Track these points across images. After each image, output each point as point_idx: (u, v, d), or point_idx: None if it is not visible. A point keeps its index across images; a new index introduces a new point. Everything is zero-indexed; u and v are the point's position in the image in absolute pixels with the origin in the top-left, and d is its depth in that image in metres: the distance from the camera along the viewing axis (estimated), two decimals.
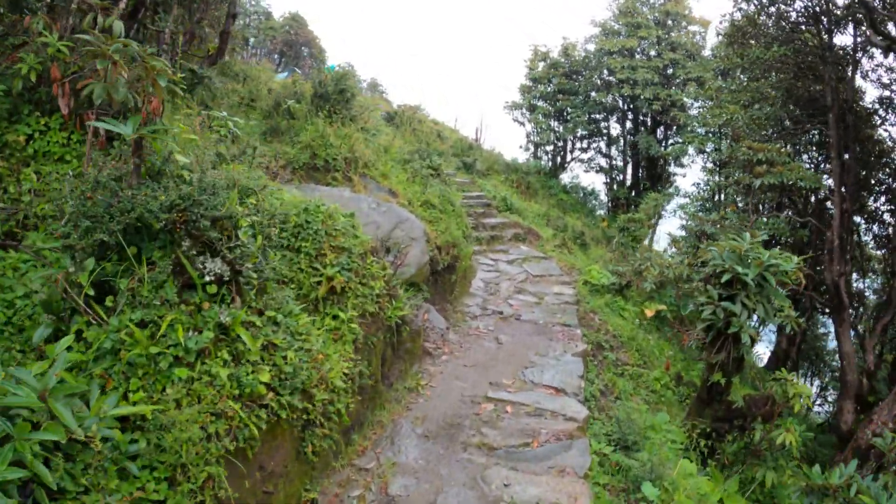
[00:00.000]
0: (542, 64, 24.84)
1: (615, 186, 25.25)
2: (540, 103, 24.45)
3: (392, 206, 9.48)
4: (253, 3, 69.66)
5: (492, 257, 13.59)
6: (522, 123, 25.78)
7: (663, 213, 24.50)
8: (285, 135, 10.75)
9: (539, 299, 11.15)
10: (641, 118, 24.08)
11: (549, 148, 25.80)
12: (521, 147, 25.86)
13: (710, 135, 20.69)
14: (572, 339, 9.26)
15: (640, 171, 24.92)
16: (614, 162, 25.84)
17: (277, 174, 9.41)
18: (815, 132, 15.65)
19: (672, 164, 24.81)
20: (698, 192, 22.02)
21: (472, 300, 10.70)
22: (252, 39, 67.11)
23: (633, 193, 24.21)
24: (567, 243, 15.25)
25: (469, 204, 16.23)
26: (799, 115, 14.97)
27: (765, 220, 15.12)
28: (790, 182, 13.06)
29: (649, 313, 11.67)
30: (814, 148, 17.02)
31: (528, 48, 24.89)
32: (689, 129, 22.85)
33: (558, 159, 25.90)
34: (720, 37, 21.45)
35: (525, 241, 15.24)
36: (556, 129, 24.92)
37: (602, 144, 26.16)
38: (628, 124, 24.97)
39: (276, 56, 62.75)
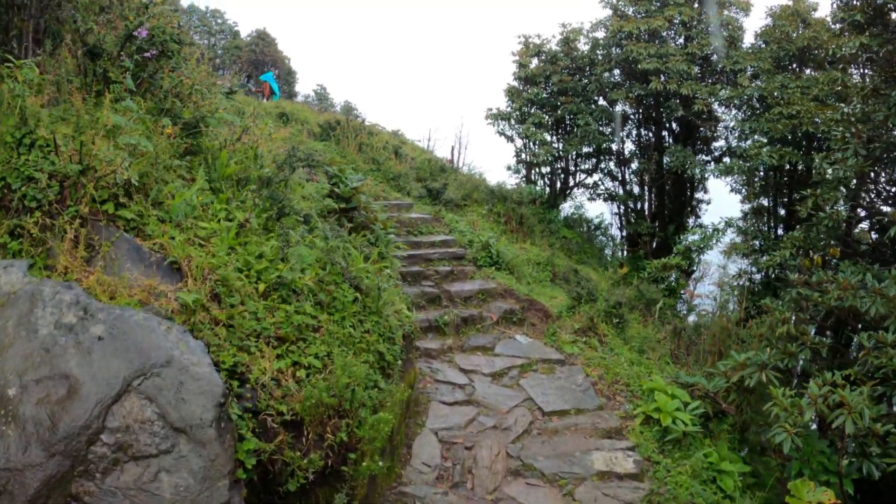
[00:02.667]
0: (535, 60, 18.83)
1: (632, 218, 19.12)
2: (533, 110, 18.40)
3: (131, 318, 3.24)
4: (219, 21, 64.47)
5: (463, 364, 7.38)
6: (510, 138, 19.65)
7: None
8: None
9: (566, 494, 4.89)
10: (670, 125, 18.04)
11: (546, 169, 19.63)
12: (509, 168, 19.60)
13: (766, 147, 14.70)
14: None
15: (665, 197, 18.81)
16: (630, 186, 19.74)
17: None
18: None
19: (699, 189, 18.78)
20: (750, 226, 15.97)
21: None
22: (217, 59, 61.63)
23: (657, 226, 18.09)
24: (595, 324, 8.94)
25: (426, 257, 10.06)
26: None
27: None
28: None
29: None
30: None
31: (516, 41, 18.37)
32: (733, 137, 16.92)
33: (558, 183, 19.73)
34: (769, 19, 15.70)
35: (523, 323, 9.04)
36: (555, 143, 18.83)
37: (612, 164, 20.05)
38: (646, 135, 18.95)
39: (245, 76, 56.93)
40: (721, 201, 19.27)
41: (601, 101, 18.12)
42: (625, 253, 18.55)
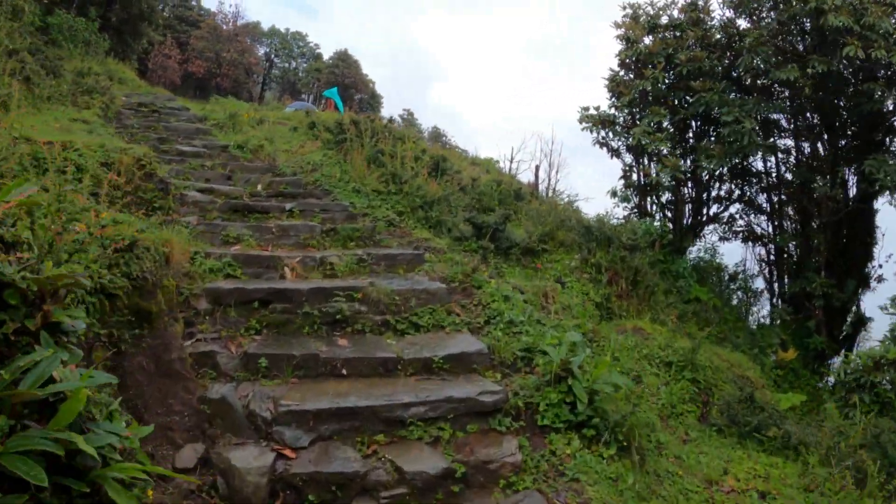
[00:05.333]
0: (648, 38, 13.16)
1: (791, 268, 12.85)
2: (647, 109, 12.70)
3: None
4: (300, 44, 62.55)
5: None
6: (615, 150, 13.98)
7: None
8: None
9: None
10: (859, 127, 11.73)
11: (667, 195, 13.70)
12: (614, 195, 13.81)
13: None
14: None
15: (842, 237, 12.36)
16: (784, 220, 13.45)
17: None
18: None
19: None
20: None
21: None
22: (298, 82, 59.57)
23: (837, 285, 11.63)
24: None
25: (385, 412, 4.72)
26: None
27: None
28: None
29: None
30: None
31: (619, 11, 12.45)
32: None
33: (686, 216, 13.75)
34: None
35: None
36: (682, 156, 12.95)
37: (757, 191, 13.85)
38: (810, 146, 12.67)
39: (311, 95, 54.19)
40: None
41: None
42: (778, 321, 12.13)
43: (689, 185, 13.32)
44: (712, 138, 12.38)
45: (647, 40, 13.06)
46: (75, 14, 20.58)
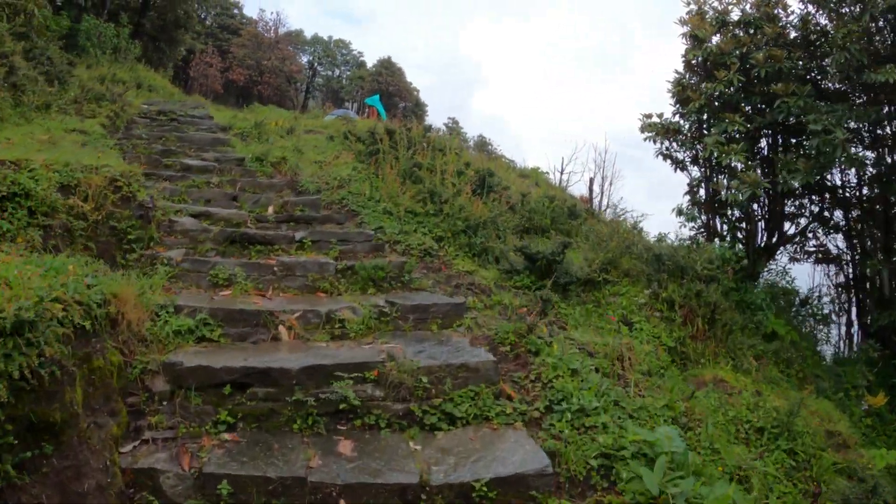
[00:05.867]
0: (716, 37, 11.22)
1: (879, 299, 10.63)
2: (714, 118, 10.73)
3: None
4: (343, 52, 61.72)
5: None
6: (681, 163, 12.08)
7: None
8: None
9: None
10: None
11: (736, 213, 11.72)
12: (680, 213, 11.81)
13: None
14: None
15: None
16: (867, 240, 11.24)
17: None
18: None
19: None
20: None
21: None
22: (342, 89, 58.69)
23: None
24: None
25: None
26: None
27: None
28: None
29: None
30: None
31: (683, 6, 10.46)
32: None
33: (759, 237, 11.70)
34: None
35: None
36: (759, 169, 10.94)
37: (831, 206, 11.71)
38: None
39: (354, 103, 53.18)
40: None
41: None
42: (863, 358, 9.92)
43: (762, 201, 11.29)
44: (791, 149, 10.40)
45: (716, 39, 11.13)
46: (106, 20, 19.67)
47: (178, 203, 7.63)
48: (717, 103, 10.84)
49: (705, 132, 11.12)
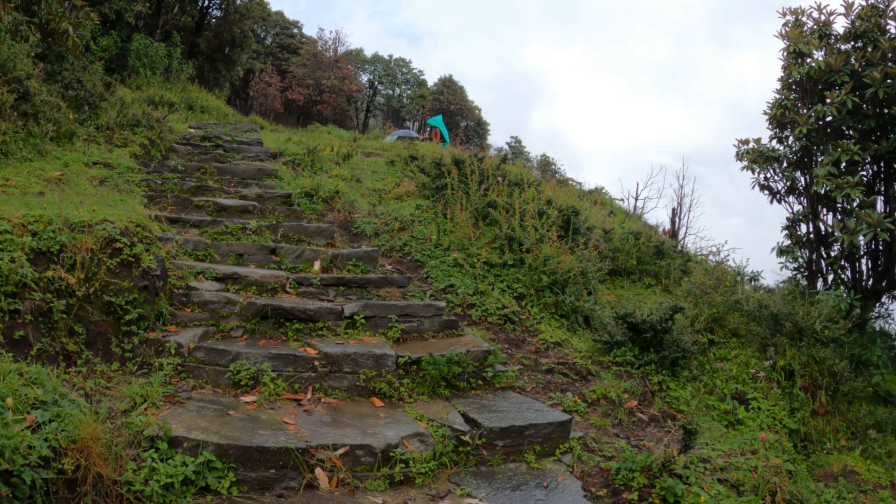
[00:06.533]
0: (820, 52, 9.17)
1: None
2: (816, 144, 8.65)
3: None
4: (404, 71, 60.95)
5: None
6: (779, 194, 10.06)
7: None
8: None
9: None
10: None
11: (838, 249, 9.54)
12: (782, 253, 9.74)
13: None
14: None
15: None
16: None
17: None
18: None
19: None
20: None
21: None
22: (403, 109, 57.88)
23: None
24: None
25: None
26: None
27: None
28: None
29: None
30: None
31: (779, 18, 8.38)
32: None
33: (868, 280, 9.44)
34: None
35: None
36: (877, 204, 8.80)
37: None
38: None
39: (417, 123, 52.22)
40: None
41: None
42: None
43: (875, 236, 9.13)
44: None
45: (819, 55, 9.15)
46: (159, 40, 18.88)
47: (201, 260, 6.16)
48: (827, 129, 8.93)
49: (811, 161, 9.20)
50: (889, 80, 8.08)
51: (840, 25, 9.39)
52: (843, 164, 8.63)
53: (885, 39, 8.53)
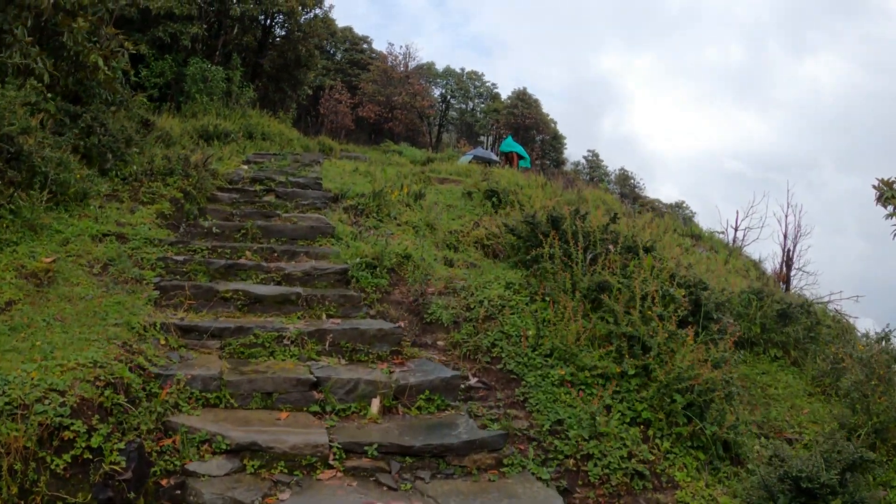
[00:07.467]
0: None
1: None
2: None
3: None
4: (476, 84, 59.13)
5: None
6: None
7: None
8: None
9: None
10: None
11: None
12: None
13: None
14: None
15: None
16: None
17: None
18: None
19: None
20: None
21: None
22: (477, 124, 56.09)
23: None
24: None
25: None
26: None
27: None
28: None
29: None
30: None
31: None
32: None
33: None
34: None
35: None
36: None
37: None
38: None
39: (490, 147, 50.13)
40: None
41: None
42: None
43: None
44: None
45: None
46: (219, 62, 17.59)
47: (213, 406, 4.26)
48: None
49: None
50: None
51: None
52: None
53: None
